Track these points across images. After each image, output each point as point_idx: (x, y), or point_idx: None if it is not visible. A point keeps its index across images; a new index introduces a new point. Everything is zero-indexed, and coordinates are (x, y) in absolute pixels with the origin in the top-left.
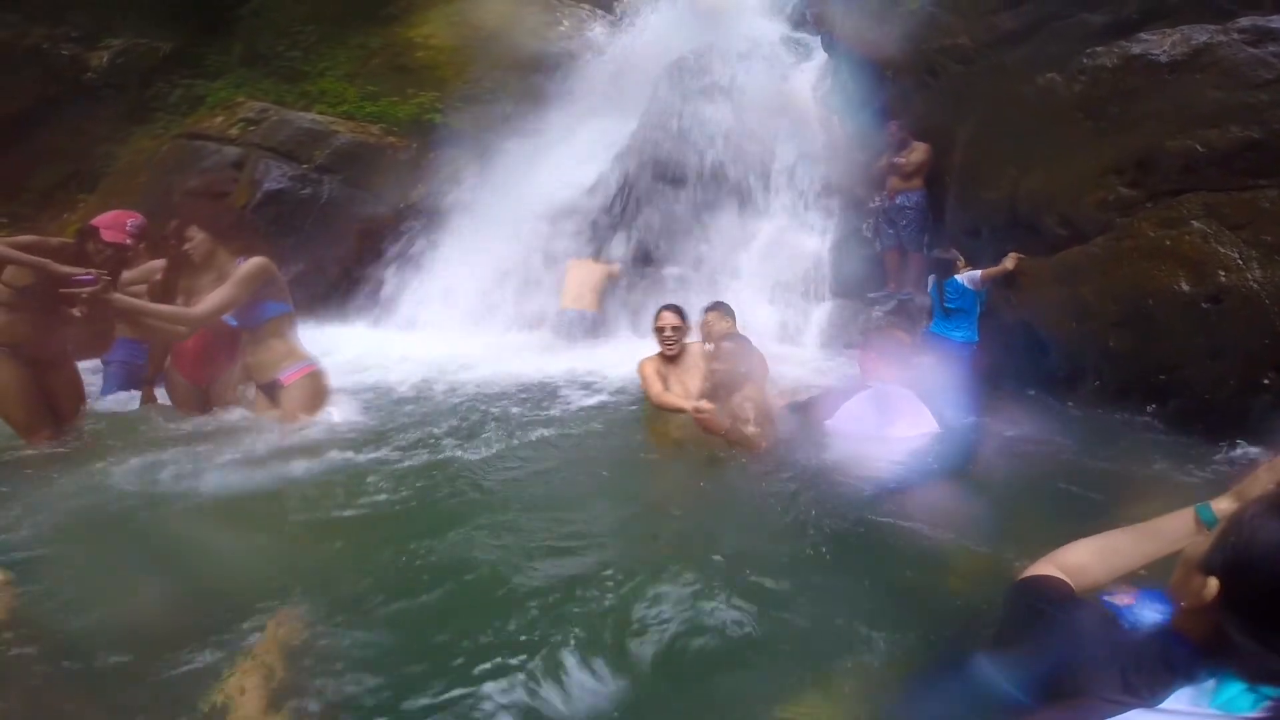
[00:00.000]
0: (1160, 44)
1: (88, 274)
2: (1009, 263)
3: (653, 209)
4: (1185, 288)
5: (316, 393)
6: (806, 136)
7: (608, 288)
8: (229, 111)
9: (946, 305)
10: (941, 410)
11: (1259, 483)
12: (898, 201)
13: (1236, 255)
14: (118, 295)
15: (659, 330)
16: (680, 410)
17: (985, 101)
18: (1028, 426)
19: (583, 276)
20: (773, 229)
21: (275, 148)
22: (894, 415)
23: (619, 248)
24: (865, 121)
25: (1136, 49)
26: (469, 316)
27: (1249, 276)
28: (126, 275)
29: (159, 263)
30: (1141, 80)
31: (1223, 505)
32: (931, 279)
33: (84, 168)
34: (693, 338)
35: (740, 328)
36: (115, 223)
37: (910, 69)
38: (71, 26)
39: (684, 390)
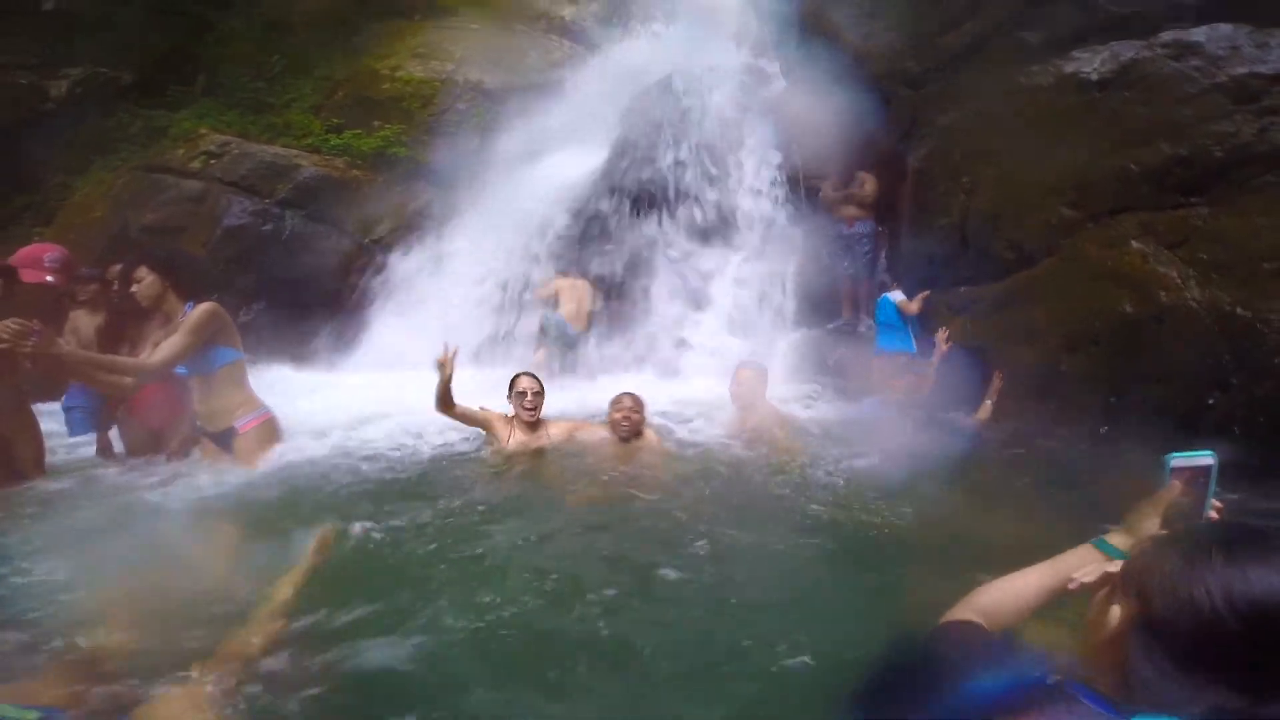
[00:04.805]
0: (1091, 62)
1: (31, 327)
2: (915, 305)
3: (620, 239)
4: (1129, 309)
5: (271, 441)
6: (770, 165)
7: (593, 312)
8: (191, 144)
9: (883, 321)
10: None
11: (1145, 516)
12: (855, 229)
13: (1175, 274)
14: (65, 348)
15: (520, 394)
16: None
17: (933, 126)
18: (983, 449)
19: (579, 295)
20: (739, 259)
21: (236, 182)
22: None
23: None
24: (825, 148)
25: (1069, 67)
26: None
27: (1188, 295)
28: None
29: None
30: (1075, 99)
31: (1117, 539)
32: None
33: (39, 200)
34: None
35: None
36: (32, 260)
37: (864, 95)
38: (29, 54)
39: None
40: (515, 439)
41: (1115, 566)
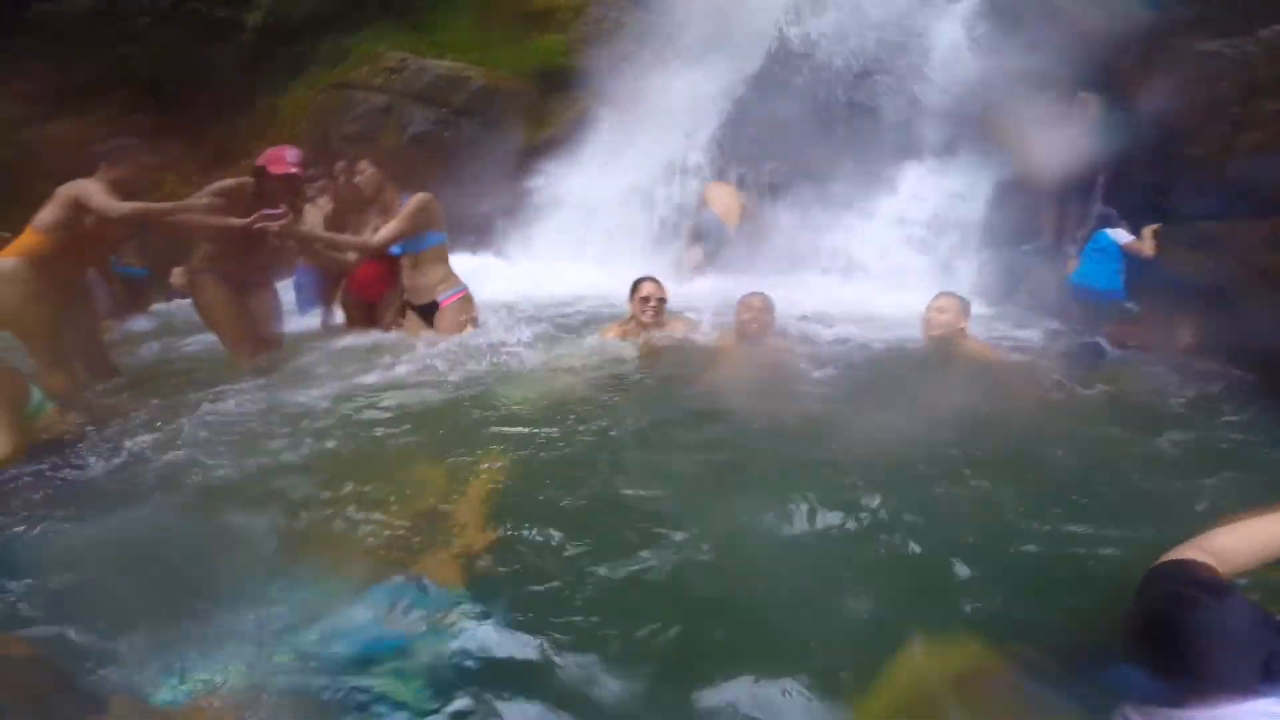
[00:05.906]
0: None
1: (276, 210)
2: (1149, 247)
3: (780, 145)
4: None
5: (467, 313)
6: (958, 77)
7: (744, 210)
8: (372, 62)
9: (1094, 255)
10: None
11: None
12: None
13: None
14: (303, 228)
15: (643, 300)
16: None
17: (1189, 52)
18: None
19: (726, 196)
20: (918, 172)
21: (417, 94)
22: None
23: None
24: (1026, 66)
25: None
26: (600, 247)
27: None
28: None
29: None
30: None
31: None
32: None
33: (252, 119)
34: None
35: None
36: (276, 158)
37: (1083, 15)
38: None
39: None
40: (636, 340)
41: None
